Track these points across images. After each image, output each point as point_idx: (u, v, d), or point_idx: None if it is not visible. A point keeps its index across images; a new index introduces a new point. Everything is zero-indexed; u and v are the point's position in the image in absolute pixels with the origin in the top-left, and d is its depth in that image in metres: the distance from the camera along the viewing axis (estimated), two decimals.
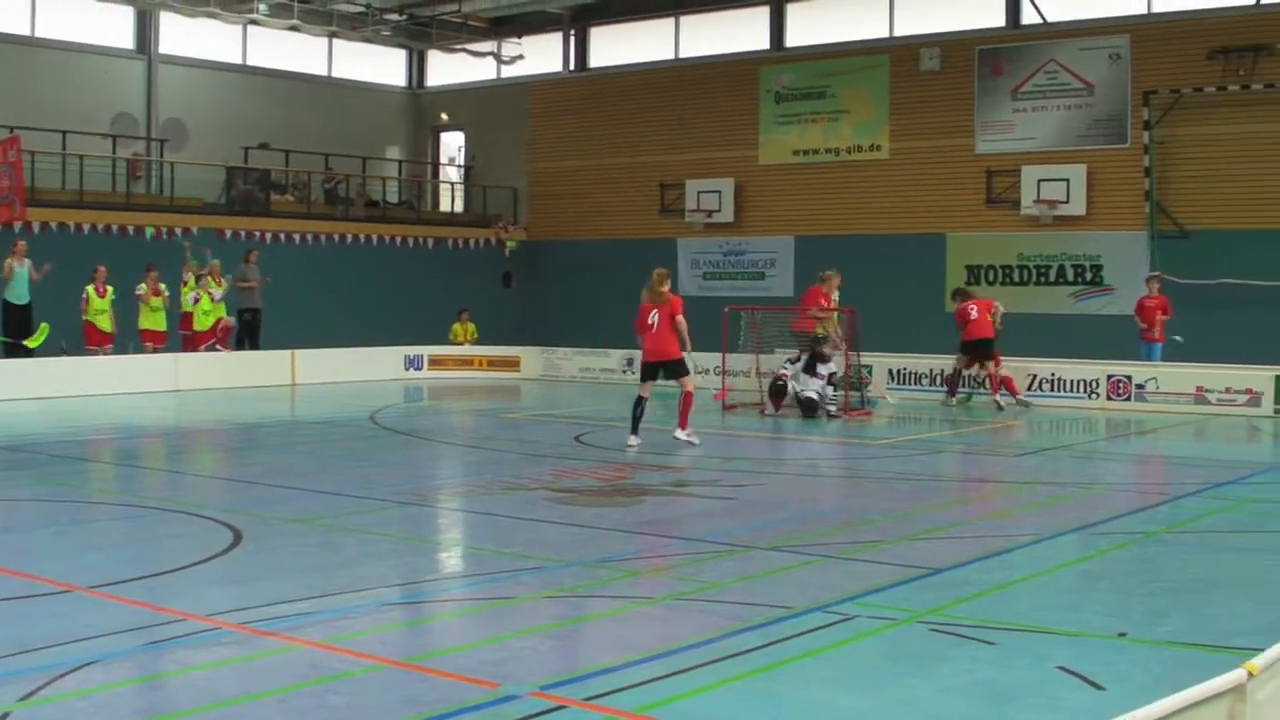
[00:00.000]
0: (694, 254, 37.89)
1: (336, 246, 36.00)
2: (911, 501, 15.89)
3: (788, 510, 14.88)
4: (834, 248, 34.71)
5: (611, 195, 39.26)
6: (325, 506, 14.75)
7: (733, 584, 10.63)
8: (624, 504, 14.88)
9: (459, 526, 14.11)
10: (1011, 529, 13.37)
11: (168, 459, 19.19)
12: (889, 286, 30.72)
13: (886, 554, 11.95)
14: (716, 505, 15.00)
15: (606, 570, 11.16)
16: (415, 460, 19.78)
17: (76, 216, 31.21)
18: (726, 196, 37.04)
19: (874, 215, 34.88)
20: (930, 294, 32.49)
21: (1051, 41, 32.82)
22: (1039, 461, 19.68)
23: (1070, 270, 32.41)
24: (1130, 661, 8.51)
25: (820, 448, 21.04)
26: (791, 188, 36.37)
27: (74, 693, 7.71)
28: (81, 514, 14.14)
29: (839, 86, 35.70)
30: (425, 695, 7.67)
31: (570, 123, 40.53)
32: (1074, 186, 31.99)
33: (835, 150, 35.81)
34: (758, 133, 37.01)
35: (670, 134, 38.39)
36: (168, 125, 36.78)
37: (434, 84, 44.31)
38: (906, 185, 34.52)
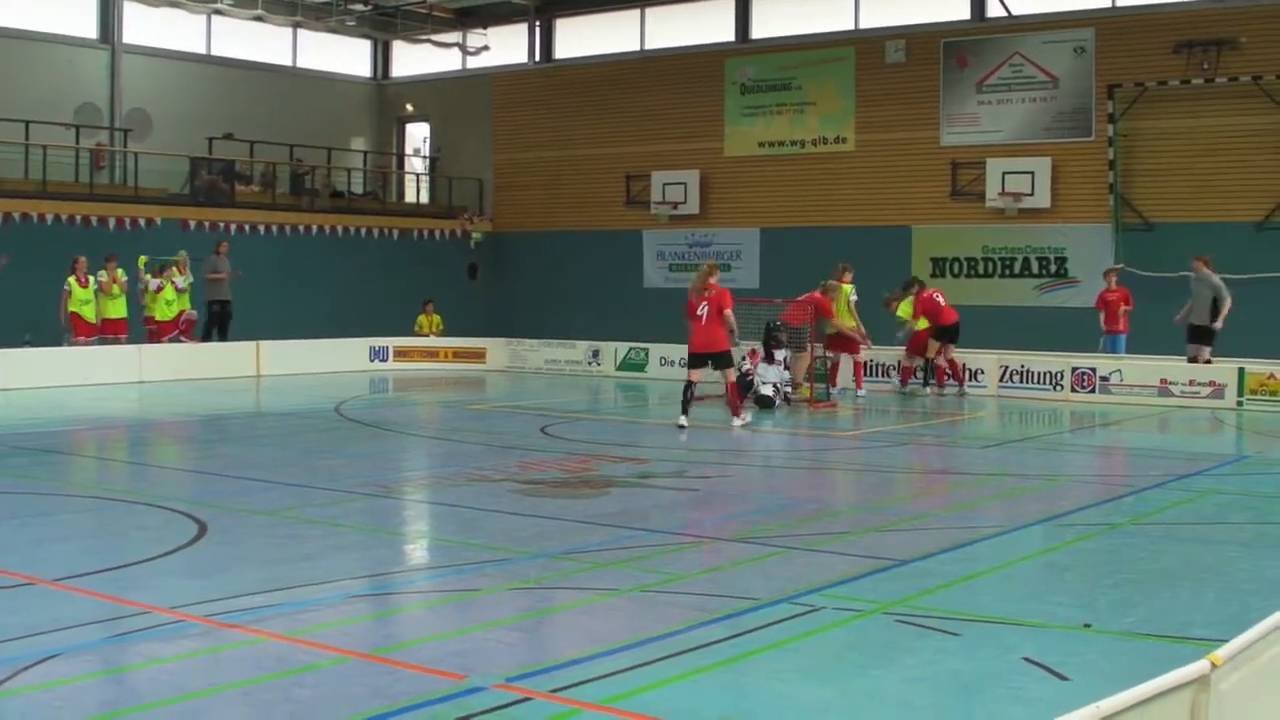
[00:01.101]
0: (660, 246, 37.90)
1: (301, 238, 35.90)
2: (878, 493, 15.94)
3: (754, 502, 14.91)
4: (799, 240, 34.81)
5: (577, 187, 39.25)
6: (291, 498, 14.71)
7: (698, 576, 10.65)
8: (589, 495, 14.88)
9: (425, 518, 14.10)
10: (977, 521, 13.40)
11: (131, 451, 19.12)
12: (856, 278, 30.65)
13: (852, 545, 11.97)
14: (682, 497, 15.01)
15: (572, 562, 11.15)
16: (381, 452, 19.73)
17: (39, 207, 31.06)
18: (692, 188, 37.05)
19: (839, 207, 34.95)
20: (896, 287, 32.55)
21: (1016, 34, 32.91)
22: (1004, 453, 19.73)
23: (1035, 263, 32.53)
24: (1095, 652, 8.54)
25: (786, 440, 21.07)
26: (757, 179, 36.40)
27: (38, 685, 7.68)
28: (44, 506, 14.08)
29: (804, 78, 35.75)
30: (391, 687, 7.67)
31: (536, 114, 40.50)
32: (1038, 179, 32.10)
33: (801, 142, 35.85)
34: (723, 124, 37.03)
35: (636, 125, 38.39)
36: (131, 115, 36.61)
37: (399, 75, 44.20)
38: (872, 177, 34.59)
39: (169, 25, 37.71)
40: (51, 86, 34.98)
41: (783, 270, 34.62)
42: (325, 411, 23.86)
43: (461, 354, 34.24)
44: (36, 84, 34.57)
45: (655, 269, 37.74)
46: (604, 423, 23.04)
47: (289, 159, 38.41)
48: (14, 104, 32.91)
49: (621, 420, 24.04)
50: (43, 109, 33.64)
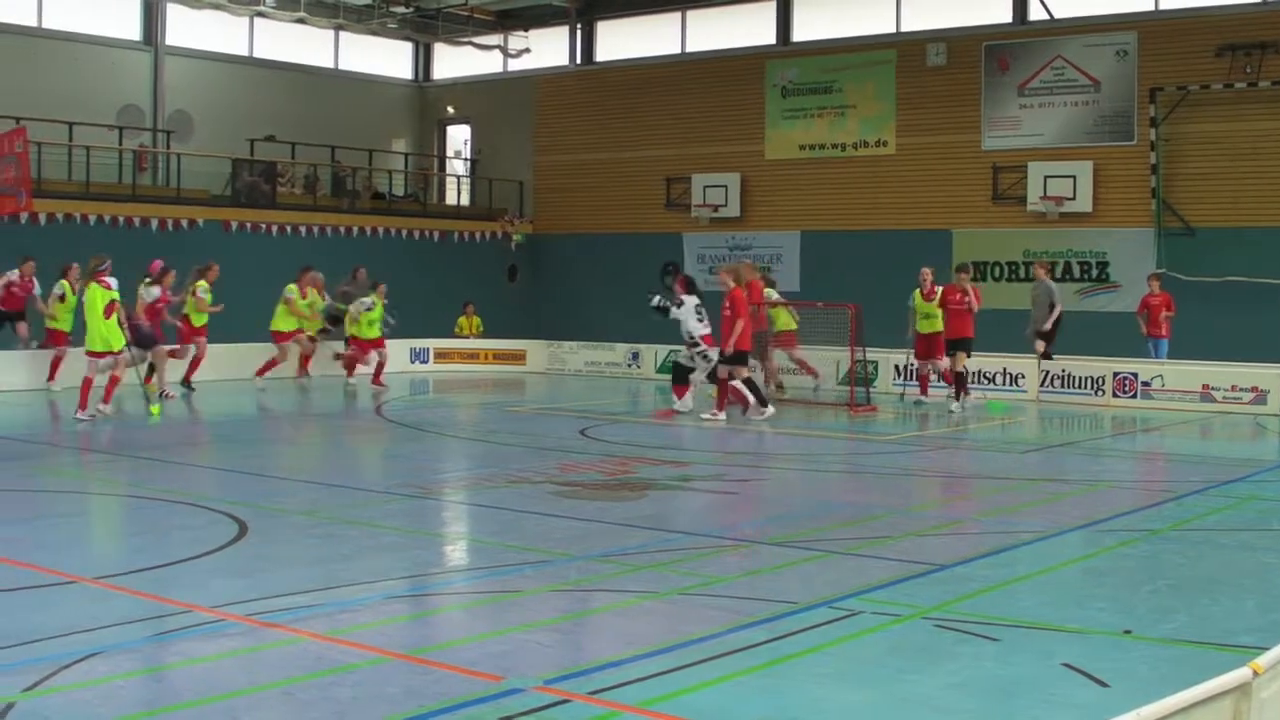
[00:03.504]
0: (700, 248, 37.87)
1: (343, 239, 35.97)
2: (916, 497, 15.90)
3: (792, 505, 14.88)
4: (840, 243, 34.76)
5: (617, 189, 39.24)
6: (331, 499, 14.76)
7: (737, 579, 10.64)
8: (628, 498, 14.87)
9: (464, 519, 14.12)
10: (1016, 526, 13.35)
11: (172, 451, 19.18)
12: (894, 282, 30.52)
13: (891, 550, 11.95)
14: (721, 500, 15.00)
15: (611, 564, 11.16)
16: (421, 453, 19.78)
17: (82, 208, 31.20)
18: (733, 191, 37.02)
19: (880, 210, 34.86)
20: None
21: (1058, 38, 32.79)
22: (1044, 458, 19.66)
23: (1076, 267, 32.39)
24: (1135, 659, 8.51)
25: (825, 443, 21.02)
26: (797, 182, 36.35)
27: (79, 684, 7.72)
28: (86, 505, 14.14)
29: (845, 81, 35.69)
30: (429, 688, 7.68)
31: (576, 116, 40.52)
32: (1080, 183, 31.96)
33: (841, 145, 35.79)
34: (764, 127, 36.98)
35: (676, 128, 38.37)
36: (174, 117, 36.78)
37: (440, 77, 44.28)
38: (912, 181, 34.49)
39: (211, 27, 37.87)
40: (95, 88, 35.16)
41: (823, 274, 34.57)
42: (366, 412, 23.90)
43: (501, 356, 34.28)
44: (80, 86, 34.76)
45: (695, 271, 37.62)
46: (643, 425, 23.04)
47: (330, 161, 38.50)
48: (58, 105, 33.08)
49: (661, 423, 24.01)
50: (86, 110, 33.82)
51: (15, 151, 28.91)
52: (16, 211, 29.15)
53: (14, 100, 32.01)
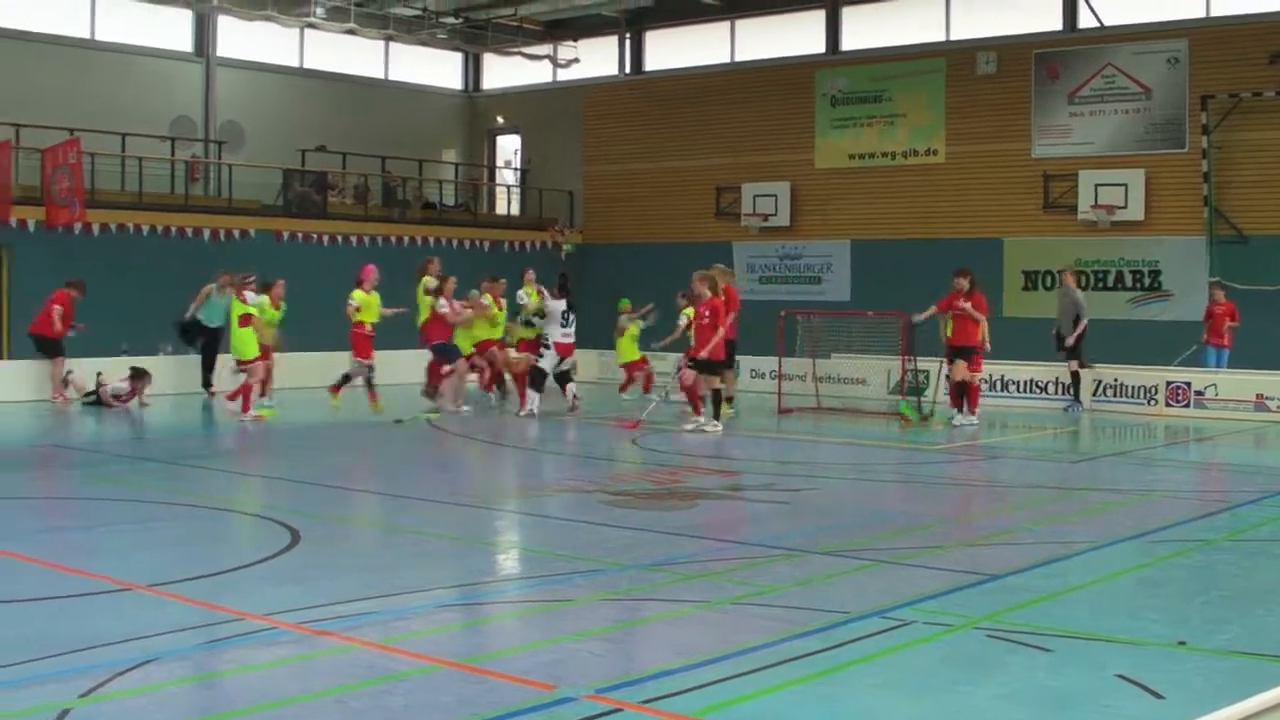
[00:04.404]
0: (750, 257, 37.81)
1: (394, 249, 36.01)
2: (968, 507, 15.86)
3: (844, 514, 14.84)
4: (890, 252, 34.67)
5: (667, 198, 39.24)
6: (383, 508, 14.82)
7: (789, 588, 10.62)
8: (679, 507, 14.89)
9: (515, 528, 14.14)
10: (1069, 536, 13.29)
11: (227, 459, 19.30)
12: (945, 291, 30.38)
13: (943, 559, 11.92)
14: (773, 509, 14.98)
15: (662, 573, 11.16)
16: (471, 462, 19.85)
17: (135, 218, 31.36)
18: (782, 200, 36.97)
19: (930, 219, 34.75)
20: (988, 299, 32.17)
21: (1108, 45, 32.62)
22: (1097, 468, 19.57)
23: (1128, 275, 32.20)
24: (1189, 670, 8.46)
25: (876, 453, 20.98)
26: (847, 191, 36.27)
27: (133, 690, 7.78)
28: (140, 514, 14.23)
29: (895, 90, 35.60)
30: (481, 697, 7.70)
31: (626, 126, 40.55)
32: (1132, 191, 31.79)
33: (891, 154, 35.71)
34: (813, 136, 36.92)
35: (726, 137, 38.34)
36: (225, 128, 36.99)
37: (490, 87, 44.39)
38: (963, 189, 34.37)
39: (263, 39, 38.04)
40: (147, 99, 35.37)
41: (873, 283, 34.51)
42: (417, 421, 23.96)
43: None
44: (133, 97, 34.98)
45: (745, 281, 37.57)
46: (694, 434, 23.02)
47: (381, 170, 38.63)
48: (111, 117, 33.29)
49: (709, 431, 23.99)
50: (139, 122, 34.03)
51: (69, 163, 29.18)
52: (71, 222, 29.38)
53: (68, 112, 32.27)
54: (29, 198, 29.65)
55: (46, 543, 12.54)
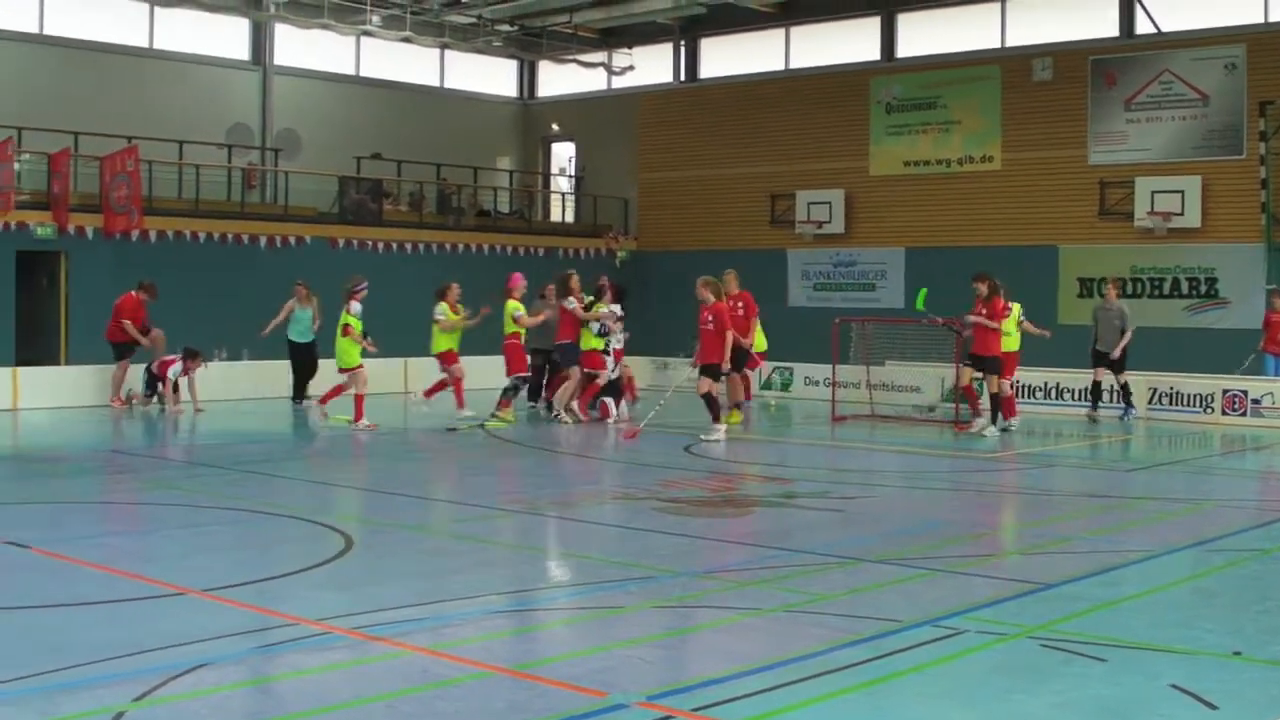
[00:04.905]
0: (804, 265, 37.76)
1: (449, 256, 36.11)
2: (1022, 515, 15.78)
3: (896, 523, 14.81)
4: (945, 259, 34.49)
5: (722, 206, 39.20)
6: (435, 514, 14.86)
7: (841, 596, 10.59)
8: (732, 515, 14.88)
9: (567, 535, 14.12)
10: (1123, 545, 13.22)
11: (280, 465, 19.36)
12: None
13: (996, 568, 11.87)
14: (825, 517, 14.94)
15: (714, 581, 11.15)
16: (525, 469, 19.87)
17: (192, 225, 31.53)
18: (837, 207, 36.88)
19: (985, 227, 34.59)
20: (1043, 306, 32.00)
21: (1165, 51, 32.43)
22: (1152, 476, 19.46)
23: (1185, 283, 31.98)
24: (1245, 681, 8.40)
25: (931, 461, 20.90)
26: (902, 199, 36.16)
27: (187, 694, 7.81)
28: (194, 518, 14.30)
29: (950, 97, 35.48)
30: (532, 703, 7.70)
31: (680, 133, 40.54)
32: (1188, 198, 31.57)
33: (946, 161, 35.59)
34: (868, 143, 36.83)
35: (780, 145, 38.28)
36: (282, 135, 37.17)
37: (545, 95, 44.47)
38: (1018, 197, 34.21)
39: (319, 47, 38.23)
40: (204, 107, 35.59)
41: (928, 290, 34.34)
42: (472, 428, 23.99)
43: None
44: (190, 105, 35.19)
45: (799, 288, 37.59)
46: (747, 442, 23.00)
47: (436, 178, 38.72)
48: (168, 125, 33.51)
49: (765, 440, 23.95)
50: (196, 129, 34.23)
51: (127, 170, 29.42)
52: (129, 229, 29.62)
53: (126, 120, 32.49)
54: (87, 205, 29.86)
55: (103, 547, 12.61)
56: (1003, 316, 24.00)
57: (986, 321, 23.73)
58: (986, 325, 23.75)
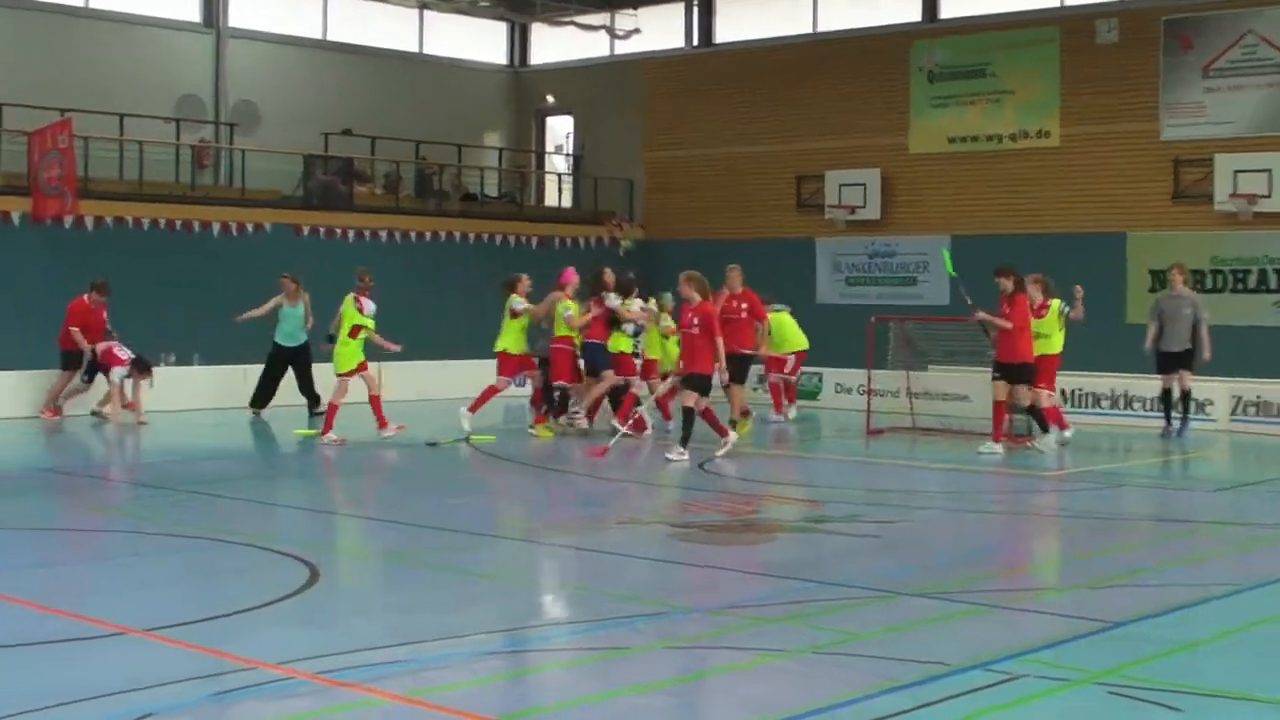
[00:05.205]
0: (835, 255, 37.72)
1: (429, 245, 36.13)
2: (1087, 543, 15.74)
3: (943, 551, 14.80)
4: (995, 248, 34.28)
5: (740, 189, 39.15)
6: (414, 541, 14.84)
7: (879, 635, 10.58)
8: (754, 542, 14.89)
9: (566, 565, 14.12)
10: (1203, 578, 13.20)
11: (237, 486, 19.36)
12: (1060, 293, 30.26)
13: (1057, 603, 11.85)
14: (859, 544, 14.94)
15: (733, 617, 11.14)
16: (517, 489, 19.88)
17: (135, 210, 31.46)
18: (872, 190, 36.83)
19: (1042, 212, 34.54)
20: (1109, 302, 32.02)
21: (1249, 10, 32.34)
22: (1236, 498, 19.43)
23: (1273, 275, 31.90)
24: None
25: (980, 479, 20.89)
26: (947, 180, 36.11)
27: None
28: (137, 546, 14.30)
29: (1001, 63, 35.43)
30: None
31: (693, 106, 40.48)
32: (1277, 178, 31.52)
33: (997, 137, 35.54)
34: (908, 117, 36.79)
35: (808, 119, 38.24)
36: (238, 108, 37.15)
37: (538, 62, 44.48)
38: (1080, 177, 34.14)
39: (281, 7, 38.27)
40: (149, 76, 35.56)
41: (977, 284, 34.26)
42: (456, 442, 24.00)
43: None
44: (132, 73, 35.14)
45: (830, 282, 37.56)
46: (770, 458, 23.01)
47: (414, 157, 38.73)
48: (108, 95, 33.44)
49: (790, 456, 23.98)
50: (139, 101, 34.17)
51: (59, 147, 29.24)
52: (61, 214, 29.47)
53: (58, 89, 32.39)
54: (13, 187, 29.81)
55: (33, 579, 12.60)
56: (1039, 315, 23.77)
57: (999, 321, 23.29)
58: (998, 324, 23.32)
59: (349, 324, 24.21)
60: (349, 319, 24.23)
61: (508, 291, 25.39)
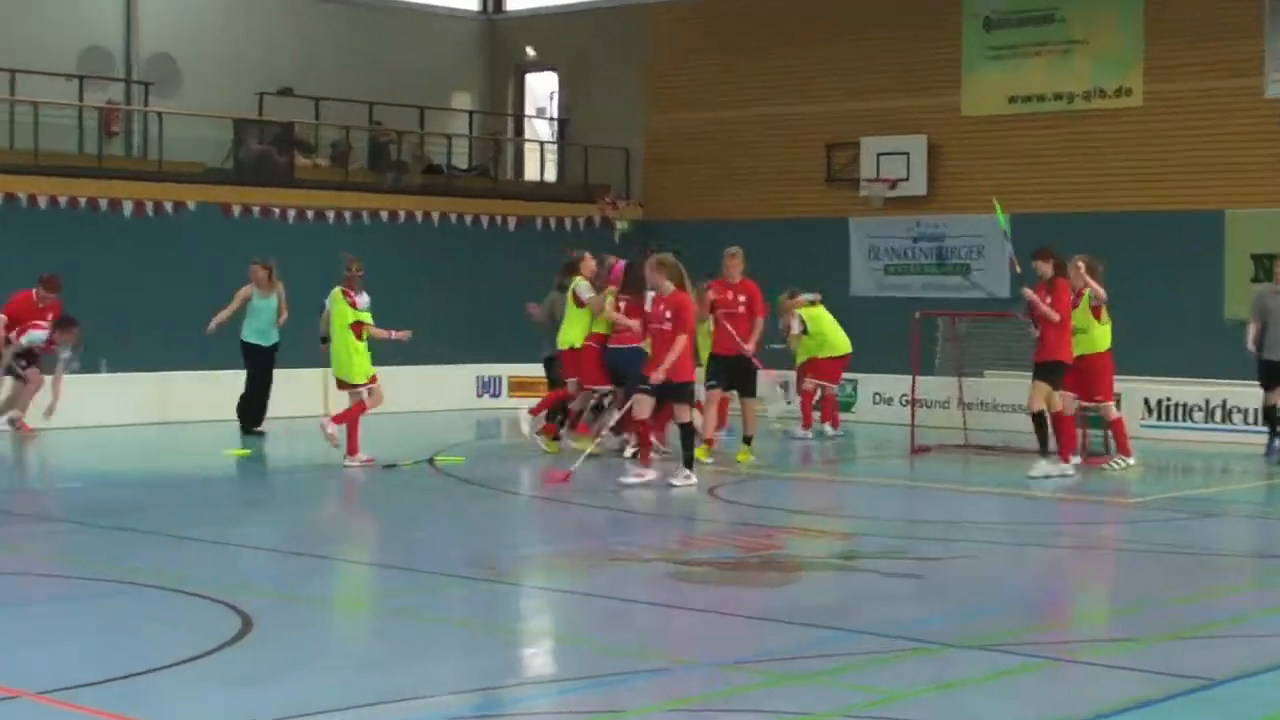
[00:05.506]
0: (872, 239, 37.72)
1: (384, 227, 36.10)
2: (1174, 584, 15.73)
3: (999, 593, 14.82)
4: (1065, 228, 34.16)
5: (758, 159, 39.12)
6: (368, 582, 14.86)
7: (923, 694, 10.59)
8: (774, 582, 14.90)
9: (550, 611, 14.16)
10: None
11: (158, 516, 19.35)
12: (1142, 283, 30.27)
13: (1139, 658, 11.86)
14: (901, 585, 14.96)
15: (749, 673, 11.14)
16: (491, 521, 19.89)
17: (31, 185, 31.42)
18: (917, 160, 36.81)
19: (1121, 185, 34.50)
20: (1203, 294, 32.10)
21: None
22: None
23: None
24: None
25: (1042, 507, 20.91)
26: (1006, 148, 36.07)
27: None
28: (39, 592, 14.30)
29: (1072, 8, 35.44)
30: None
31: (703, 61, 40.43)
32: None
33: (1068, 95, 35.51)
34: (959, 72, 36.78)
35: (839, 75, 38.21)
36: (154, 64, 37.07)
37: (516, 8, 44.51)
38: (1167, 143, 34.10)
39: None
40: (47, 25, 35.50)
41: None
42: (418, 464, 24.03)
43: None
44: (27, 21, 35.10)
45: (866, 271, 37.55)
46: (793, 482, 23.04)
47: (368, 122, 38.75)
48: None
49: (817, 479, 24.00)
50: (36, 55, 34.15)
51: None
52: None
53: None
54: None
55: None
56: (1073, 305, 23.40)
57: (1046, 309, 22.75)
58: (1045, 313, 22.78)
59: (342, 322, 24.00)
60: (341, 316, 24.02)
61: (569, 274, 25.30)
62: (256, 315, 27.91)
